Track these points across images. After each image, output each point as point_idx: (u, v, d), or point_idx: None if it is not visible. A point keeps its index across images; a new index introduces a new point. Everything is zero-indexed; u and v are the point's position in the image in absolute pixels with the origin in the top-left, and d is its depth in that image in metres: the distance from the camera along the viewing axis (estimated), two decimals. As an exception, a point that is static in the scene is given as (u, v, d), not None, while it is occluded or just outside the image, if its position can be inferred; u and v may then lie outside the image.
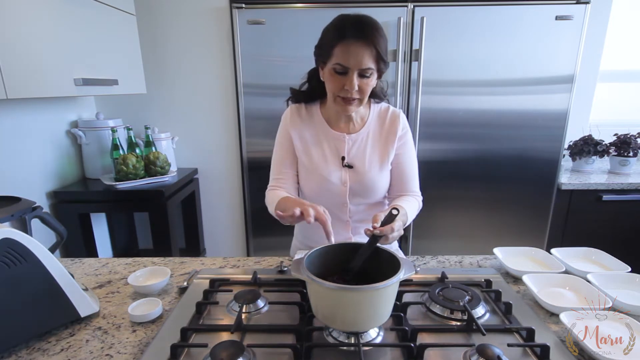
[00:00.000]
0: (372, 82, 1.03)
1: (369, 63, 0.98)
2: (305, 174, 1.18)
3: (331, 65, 1.00)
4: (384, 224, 0.88)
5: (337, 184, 1.14)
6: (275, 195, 1.13)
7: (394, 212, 0.89)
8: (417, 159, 1.21)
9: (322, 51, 1.04)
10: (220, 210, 2.49)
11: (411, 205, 1.12)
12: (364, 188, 1.15)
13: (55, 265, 0.82)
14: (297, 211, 0.91)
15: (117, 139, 2.01)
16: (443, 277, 1.03)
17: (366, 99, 1.07)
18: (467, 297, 0.90)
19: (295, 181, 1.21)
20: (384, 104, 1.20)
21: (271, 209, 1.12)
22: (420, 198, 1.20)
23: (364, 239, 0.87)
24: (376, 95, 1.17)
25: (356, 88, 1.00)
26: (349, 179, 1.14)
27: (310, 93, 1.18)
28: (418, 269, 1.09)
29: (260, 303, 0.91)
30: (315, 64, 1.11)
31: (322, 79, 1.08)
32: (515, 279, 1.07)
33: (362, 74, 1.00)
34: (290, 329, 0.81)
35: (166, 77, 2.27)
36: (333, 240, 0.91)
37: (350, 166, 1.14)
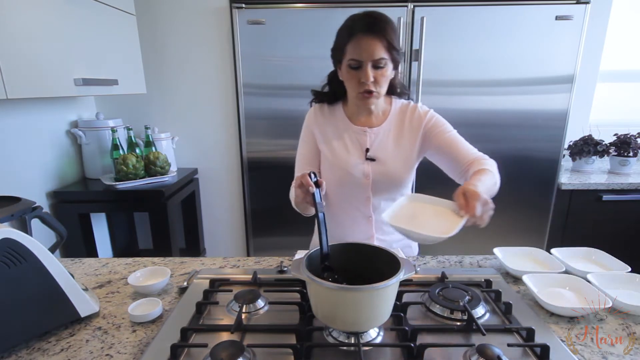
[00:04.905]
0: (388, 72, 1.06)
1: (381, 53, 1.01)
2: (328, 167, 1.19)
3: (346, 62, 1.05)
4: None
5: (359, 177, 1.15)
6: None
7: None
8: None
9: (337, 52, 1.09)
10: (220, 210, 2.48)
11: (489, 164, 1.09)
12: (387, 180, 1.16)
13: (55, 265, 0.82)
14: (300, 191, 0.91)
15: (117, 139, 2.01)
16: (443, 277, 1.03)
17: (384, 90, 1.09)
18: (467, 297, 0.90)
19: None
20: (404, 101, 1.22)
21: (293, 203, 1.15)
22: (486, 156, 1.12)
23: (387, 237, 0.85)
24: (395, 91, 1.19)
25: (371, 79, 1.03)
26: (371, 172, 1.15)
27: (332, 94, 1.21)
28: (418, 269, 1.10)
29: (260, 303, 0.92)
30: (333, 67, 1.15)
31: (341, 79, 1.12)
32: (515, 279, 1.07)
33: (376, 65, 1.03)
34: (290, 329, 0.81)
35: (166, 77, 2.27)
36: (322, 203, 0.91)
37: (373, 159, 1.15)
